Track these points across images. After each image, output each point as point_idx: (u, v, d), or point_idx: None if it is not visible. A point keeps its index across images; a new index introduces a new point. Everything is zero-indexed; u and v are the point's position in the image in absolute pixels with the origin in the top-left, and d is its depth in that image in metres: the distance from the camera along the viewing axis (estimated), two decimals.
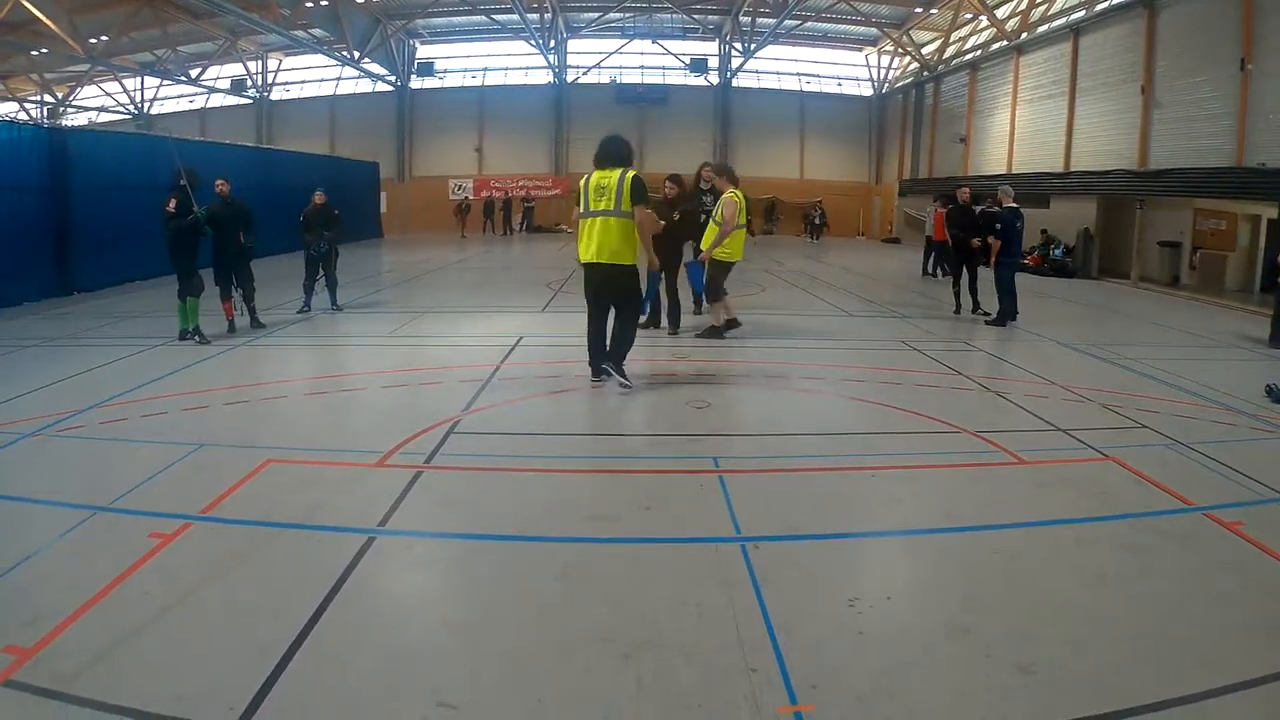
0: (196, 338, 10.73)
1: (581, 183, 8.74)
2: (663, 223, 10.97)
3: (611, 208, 8.37)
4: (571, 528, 5.15)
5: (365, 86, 43.29)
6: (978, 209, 15.64)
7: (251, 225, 11.69)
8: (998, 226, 13.99)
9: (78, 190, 16.64)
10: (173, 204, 10.47)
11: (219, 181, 11.48)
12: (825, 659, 3.72)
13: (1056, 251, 24.97)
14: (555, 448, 6.91)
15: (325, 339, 11.85)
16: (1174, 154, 21.85)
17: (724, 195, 11.44)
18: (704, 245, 11.55)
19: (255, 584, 4.31)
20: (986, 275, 14.49)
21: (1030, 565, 4.78)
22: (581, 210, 8.60)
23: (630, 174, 8.45)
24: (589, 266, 8.58)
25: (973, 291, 14.87)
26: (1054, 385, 9.29)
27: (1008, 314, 13.80)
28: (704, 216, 12.17)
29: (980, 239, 14.53)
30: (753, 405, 8.67)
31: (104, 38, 33.80)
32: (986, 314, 14.44)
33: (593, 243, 8.46)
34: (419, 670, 3.58)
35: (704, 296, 12.18)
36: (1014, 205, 14.19)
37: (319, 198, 13.48)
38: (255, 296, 11.92)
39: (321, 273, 13.67)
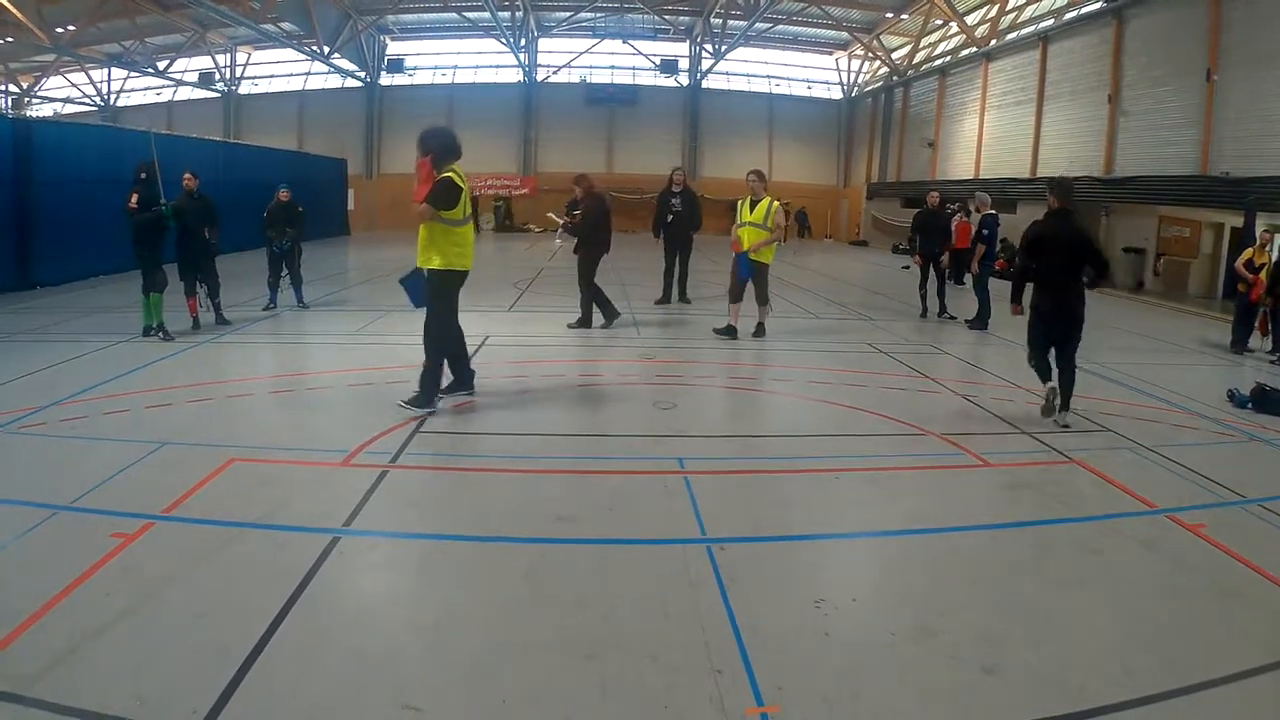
0: (160, 334, 10.59)
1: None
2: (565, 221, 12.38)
3: (449, 214, 7.60)
4: (537, 528, 5.12)
5: (334, 82, 42.96)
6: (952, 213, 15.88)
7: (217, 221, 11.55)
8: (984, 232, 14.16)
9: (41, 182, 16.36)
10: (134, 199, 10.33)
11: (186, 175, 11.35)
12: (791, 660, 3.73)
13: None
14: (521, 448, 6.88)
15: (291, 336, 11.74)
16: (1139, 162, 22.18)
17: (774, 202, 11.87)
18: (746, 244, 11.82)
19: (218, 585, 4.25)
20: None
21: (994, 567, 4.82)
22: (462, 215, 7.67)
23: (442, 175, 7.50)
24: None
25: (940, 295, 14.98)
26: (1019, 388, 9.36)
27: (988, 314, 13.94)
28: (670, 217, 13.37)
29: (945, 246, 14.79)
30: (719, 407, 8.69)
31: (71, 27, 33.42)
32: (953, 317, 14.60)
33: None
34: (383, 672, 3.55)
35: (756, 300, 12.22)
36: (993, 211, 14.44)
37: (283, 194, 13.36)
38: (220, 293, 11.80)
39: (286, 270, 13.56)
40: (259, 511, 5.18)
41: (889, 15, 36.36)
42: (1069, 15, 26.43)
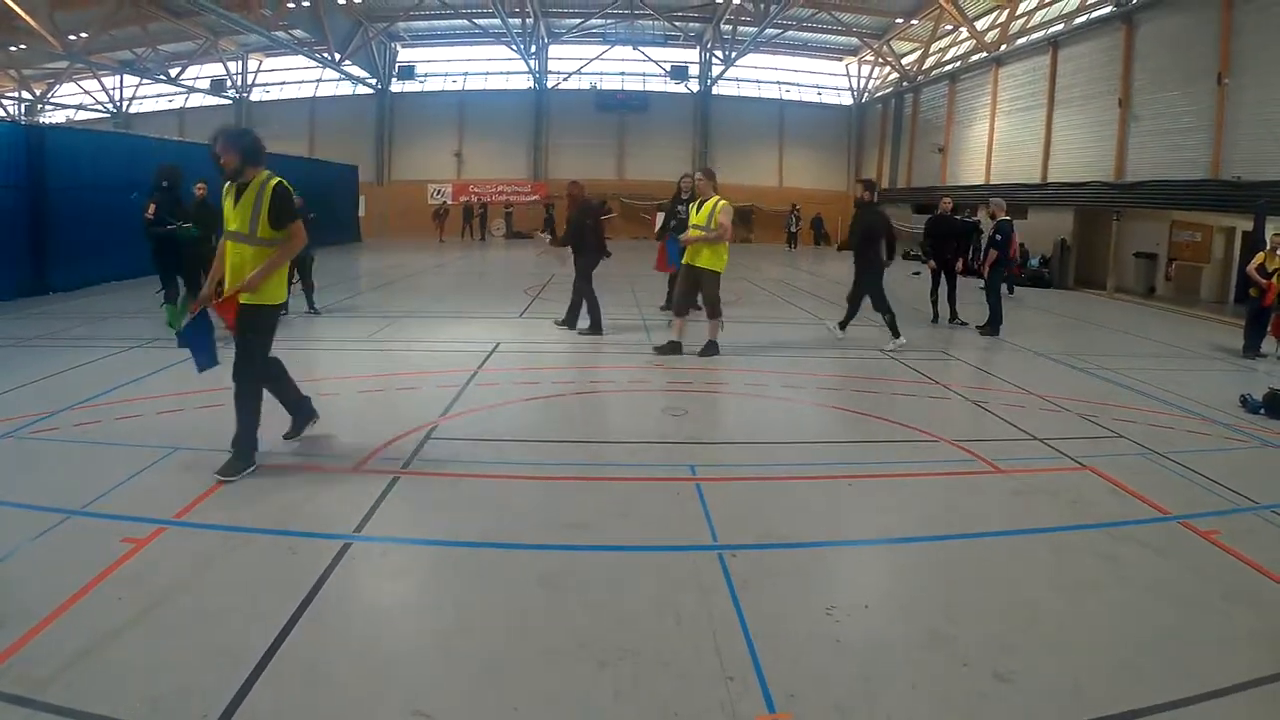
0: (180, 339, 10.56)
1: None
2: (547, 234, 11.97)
3: (246, 231, 6.03)
4: (549, 535, 5.12)
5: (346, 89, 43.17)
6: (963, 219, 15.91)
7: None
8: (998, 238, 14.17)
9: (55, 189, 16.44)
10: (152, 209, 10.33)
11: (199, 185, 11.40)
12: (803, 667, 3.72)
13: (1033, 262, 25.15)
14: (532, 454, 6.88)
15: (302, 342, 11.75)
16: (1150, 166, 22.11)
17: (720, 201, 10.79)
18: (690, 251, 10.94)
19: (229, 589, 4.26)
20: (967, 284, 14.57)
21: (1007, 574, 4.79)
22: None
23: (273, 182, 6.19)
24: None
25: (951, 300, 14.98)
26: (1031, 395, 9.34)
27: (999, 320, 13.92)
28: (674, 223, 12.92)
29: (959, 251, 14.82)
30: (730, 413, 8.68)
31: (83, 34, 33.54)
32: (964, 323, 14.59)
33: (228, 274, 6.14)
34: (394, 678, 3.55)
35: (704, 311, 11.29)
36: (1007, 217, 14.46)
37: (295, 201, 13.34)
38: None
39: (297, 276, 13.58)
40: (270, 517, 5.19)
41: (899, 21, 36.39)
42: (1079, 20, 26.41)
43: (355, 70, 40.27)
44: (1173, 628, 4.21)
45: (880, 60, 41.41)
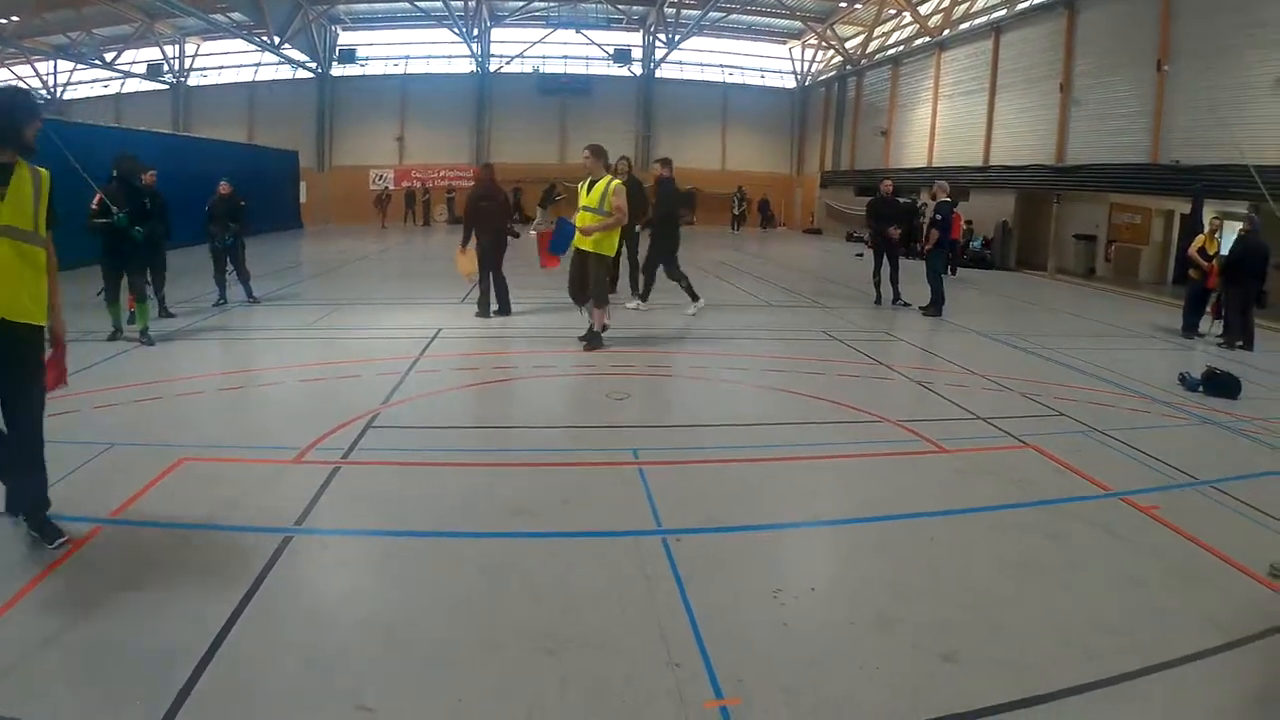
0: (144, 337, 10.27)
1: None
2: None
3: (29, 227, 4.42)
4: (492, 522, 5.07)
5: (285, 73, 42.39)
6: (906, 201, 16.03)
7: (167, 218, 11.32)
8: (938, 218, 14.30)
9: None
10: (97, 201, 9.92)
11: (146, 173, 11.16)
12: (750, 652, 3.71)
13: (975, 243, 25.44)
14: (474, 441, 6.83)
15: (241, 332, 11.55)
16: (1091, 150, 22.43)
17: (613, 181, 10.26)
18: (580, 231, 10.34)
19: (168, 588, 4.15)
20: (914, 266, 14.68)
21: (952, 553, 4.83)
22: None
23: (43, 174, 4.55)
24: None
25: (894, 281, 15.13)
26: (974, 374, 9.44)
27: (941, 301, 14.06)
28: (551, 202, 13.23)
29: (899, 228, 14.95)
30: (673, 397, 8.67)
31: (15, 19, 32.66)
32: (907, 304, 14.77)
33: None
34: (337, 673, 3.49)
35: (590, 298, 10.51)
36: (949, 199, 14.60)
37: (224, 188, 13.13)
38: (165, 286, 11.72)
39: (231, 265, 13.35)
40: (210, 512, 5.07)
41: (843, 4, 36.53)
42: (1021, 5, 26.64)
43: (295, 54, 39.56)
44: (1117, 603, 4.27)
45: (824, 44, 41.53)
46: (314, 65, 41.24)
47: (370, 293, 15.87)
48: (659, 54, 42.44)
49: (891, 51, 35.74)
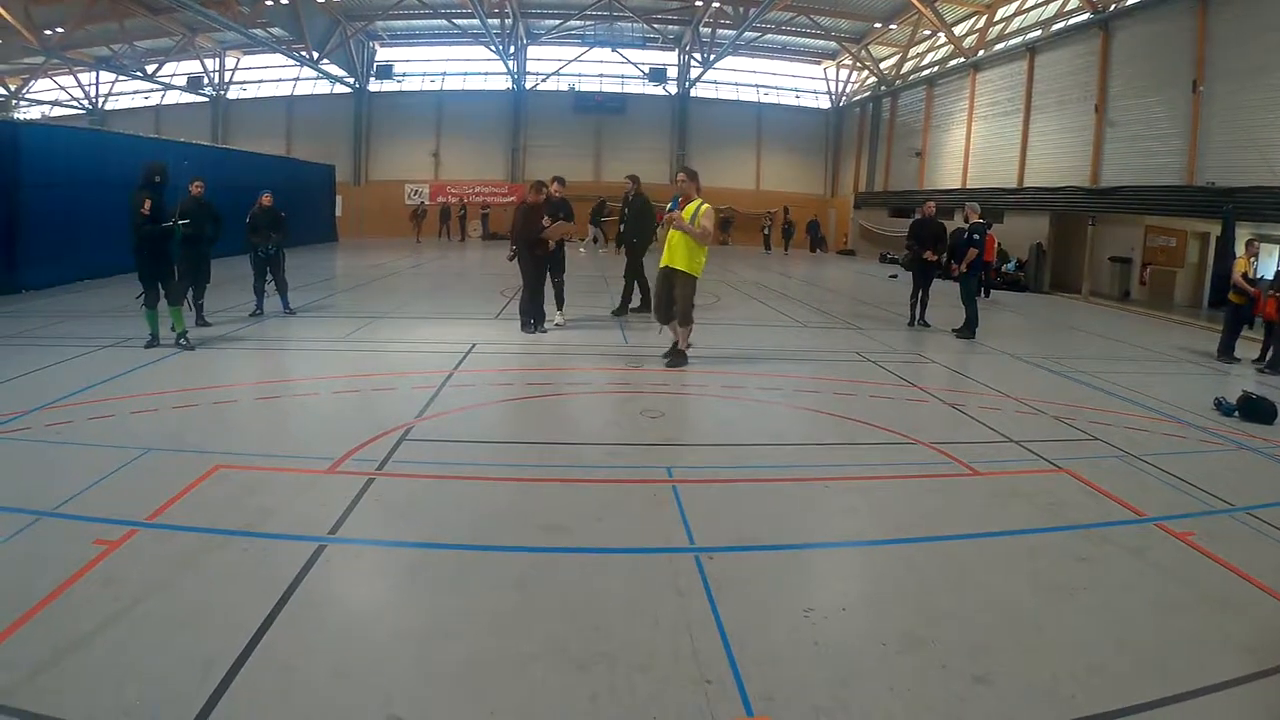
0: (183, 342, 10.40)
1: None
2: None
3: None
4: (525, 537, 5.08)
5: (323, 88, 42.88)
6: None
7: (220, 228, 11.72)
8: (975, 237, 14.21)
9: (28, 185, 16.23)
10: (147, 205, 9.96)
11: (196, 183, 11.40)
12: (781, 670, 3.71)
13: (1009, 266, 25.30)
14: (508, 456, 6.85)
15: (277, 343, 11.66)
16: (1126, 172, 22.28)
17: (704, 205, 10.32)
18: (670, 255, 10.45)
19: (202, 593, 4.20)
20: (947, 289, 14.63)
21: (984, 576, 4.80)
22: None
23: None
24: None
25: (923, 304, 15.08)
26: (1008, 397, 9.38)
27: (975, 323, 13.99)
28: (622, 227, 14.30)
29: (937, 252, 14.89)
30: (707, 415, 8.66)
31: (59, 29, 33.24)
32: (927, 325, 14.89)
33: None
34: (369, 682, 3.52)
35: (675, 317, 10.54)
36: (982, 220, 14.55)
37: (266, 199, 13.33)
38: (205, 294, 12.10)
39: (270, 276, 13.50)
40: (244, 519, 5.13)
41: (877, 25, 36.49)
42: (1056, 26, 26.60)
43: (333, 69, 40.02)
44: (1149, 629, 4.23)
45: (858, 64, 41.56)
46: (351, 80, 41.69)
47: (405, 306, 15.96)
48: (694, 73, 42.57)
49: (926, 72, 35.72)
